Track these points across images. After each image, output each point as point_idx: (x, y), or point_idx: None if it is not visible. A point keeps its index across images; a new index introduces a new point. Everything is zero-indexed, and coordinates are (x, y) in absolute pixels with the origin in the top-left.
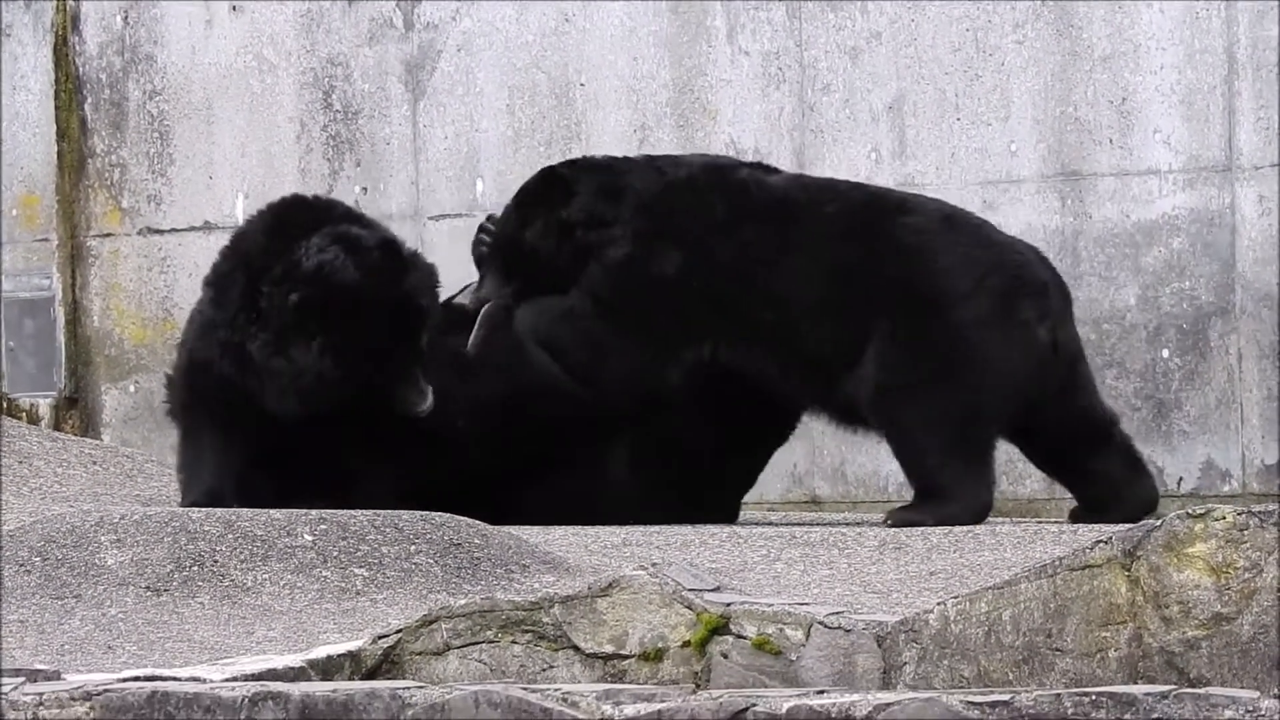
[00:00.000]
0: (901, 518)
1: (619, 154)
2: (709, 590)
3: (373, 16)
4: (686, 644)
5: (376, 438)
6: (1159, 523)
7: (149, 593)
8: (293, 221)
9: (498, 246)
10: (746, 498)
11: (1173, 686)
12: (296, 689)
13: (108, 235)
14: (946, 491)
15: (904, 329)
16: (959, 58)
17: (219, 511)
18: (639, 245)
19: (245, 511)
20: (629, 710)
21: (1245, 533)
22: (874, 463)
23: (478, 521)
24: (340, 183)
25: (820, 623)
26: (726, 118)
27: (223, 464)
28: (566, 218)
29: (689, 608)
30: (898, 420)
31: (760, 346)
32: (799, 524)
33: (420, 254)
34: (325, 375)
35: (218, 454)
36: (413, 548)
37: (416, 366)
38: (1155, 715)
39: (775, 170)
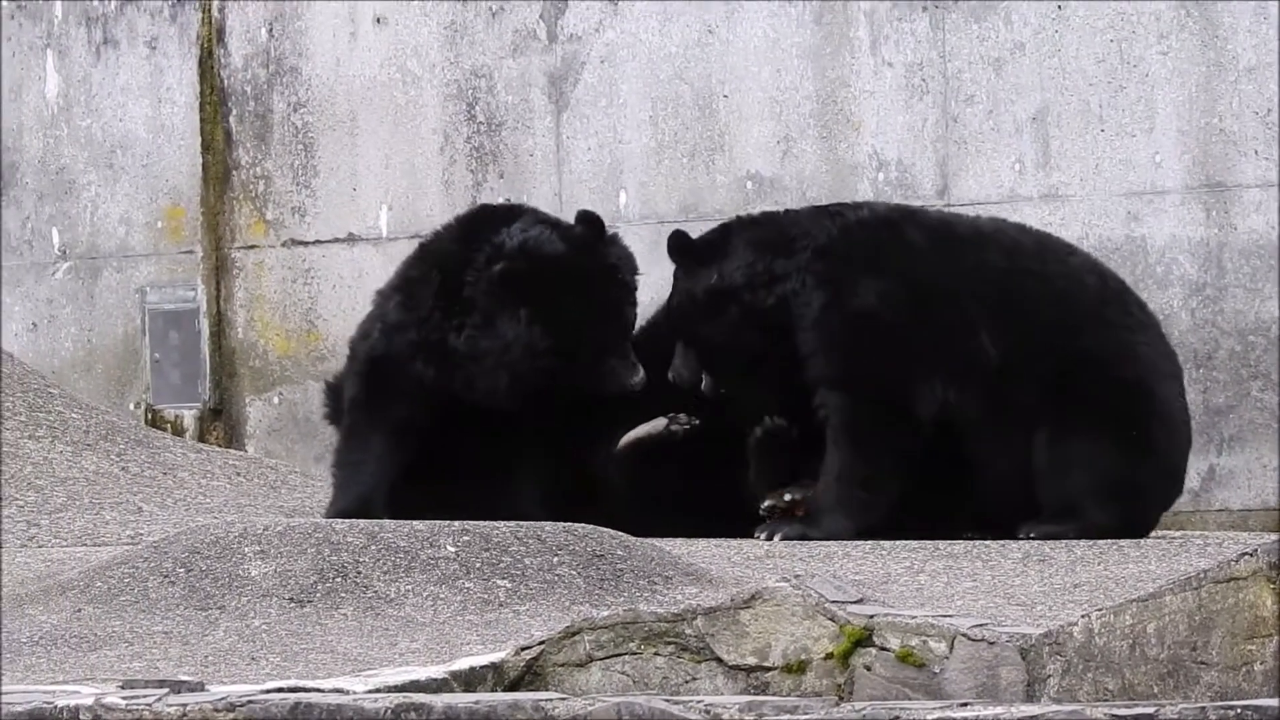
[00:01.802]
0: (1046, 531)
1: (763, 168)
2: (852, 602)
3: (516, 28)
4: (829, 656)
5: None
6: None
7: (292, 604)
8: (484, 225)
9: (674, 322)
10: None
11: None
12: (439, 700)
13: (252, 247)
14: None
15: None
16: (1103, 68)
17: (362, 523)
18: (830, 289)
19: (389, 523)
20: None
21: None
22: None
23: (620, 533)
24: (483, 194)
25: (964, 635)
26: (870, 129)
27: (381, 472)
28: (720, 284)
29: (832, 620)
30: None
31: (975, 386)
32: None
33: (619, 235)
34: (534, 345)
35: (378, 461)
36: (555, 559)
37: (625, 340)
38: None
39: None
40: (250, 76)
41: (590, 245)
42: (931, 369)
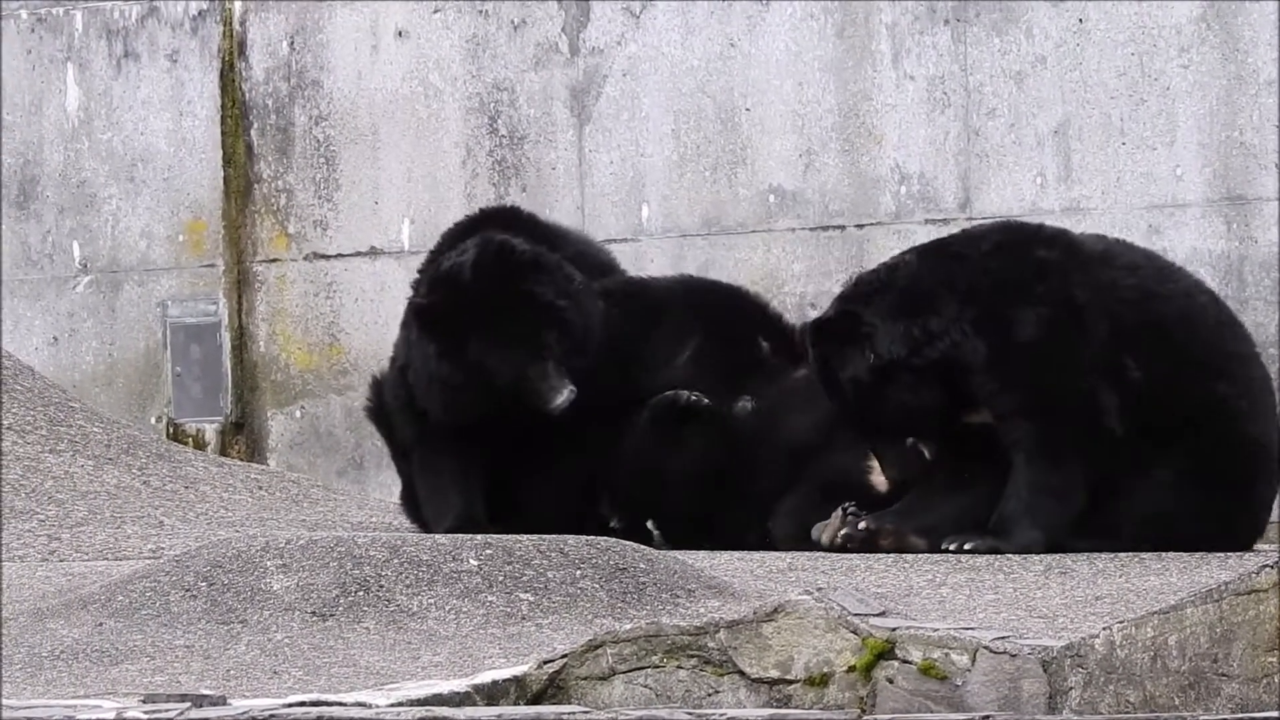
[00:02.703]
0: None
1: (785, 181)
2: (874, 615)
3: (538, 42)
4: (852, 669)
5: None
6: None
7: (314, 618)
8: (453, 238)
9: (858, 430)
10: None
11: None
12: (462, 714)
13: (274, 261)
14: None
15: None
16: (1124, 82)
17: (384, 536)
18: (990, 331)
19: (410, 536)
20: None
21: None
22: None
23: (643, 546)
24: None
25: (986, 647)
26: (892, 142)
27: (464, 490)
28: (880, 361)
29: (854, 632)
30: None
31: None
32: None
33: (559, 260)
34: (447, 380)
35: (458, 478)
36: (578, 572)
37: (544, 362)
38: None
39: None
40: (272, 90)
41: (497, 274)
42: (1102, 378)
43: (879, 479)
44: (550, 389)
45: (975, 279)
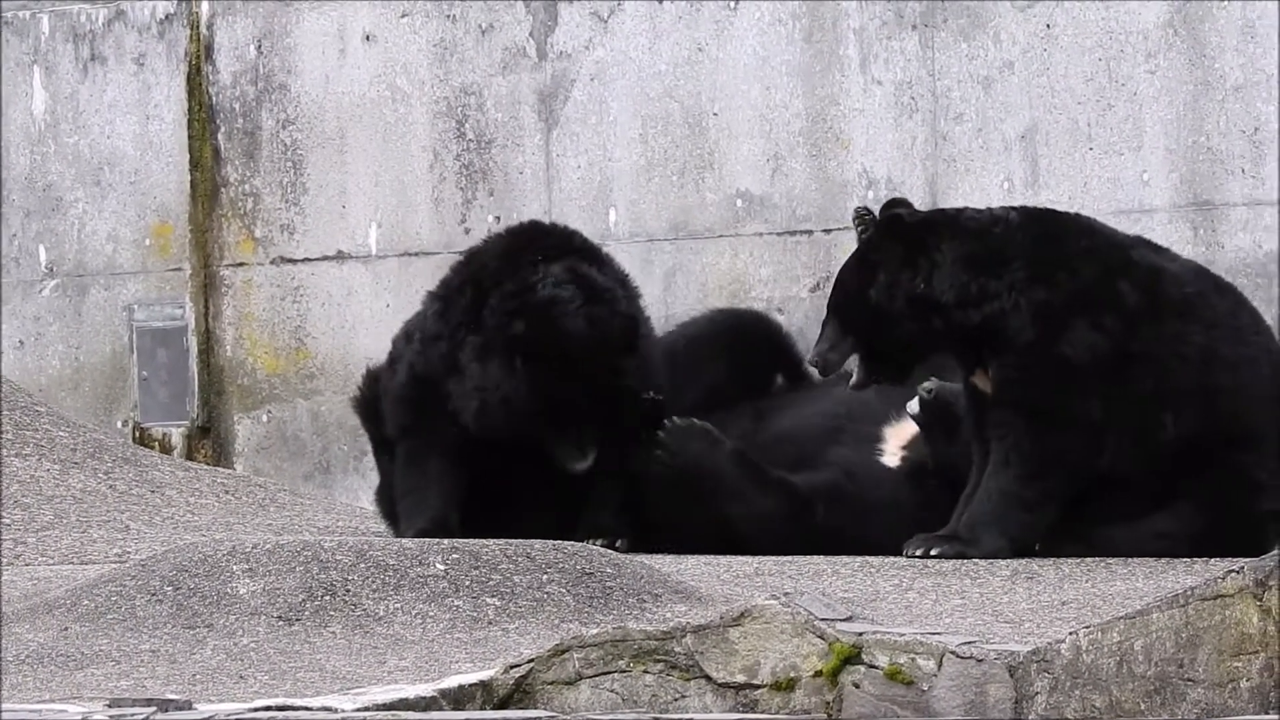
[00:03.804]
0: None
1: (753, 186)
2: (841, 620)
3: (506, 46)
4: (818, 673)
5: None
6: None
7: (281, 622)
8: (529, 245)
9: (837, 304)
10: None
11: None
12: (428, 719)
13: (241, 265)
14: None
15: None
16: (1091, 87)
17: (351, 540)
18: (1042, 324)
19: (377, 540)
20: None
21: None
22: None
23: (609, 550)
24: (473, 212)
25: (952, 652)
26: (859, 147)
27: (445, 494)
28: (928, 294)
29: (821, 637)
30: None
31: (1143, 454)
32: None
33: (652, 334)
34: (512, 400)
35: (439, 483)
36: (545, 577)
37: (589, 429)
38: None
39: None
40: (239, 93)
41: (614, 341)
42: (1119, 426)
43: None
44: (577, 454)
45: (1057, 272)
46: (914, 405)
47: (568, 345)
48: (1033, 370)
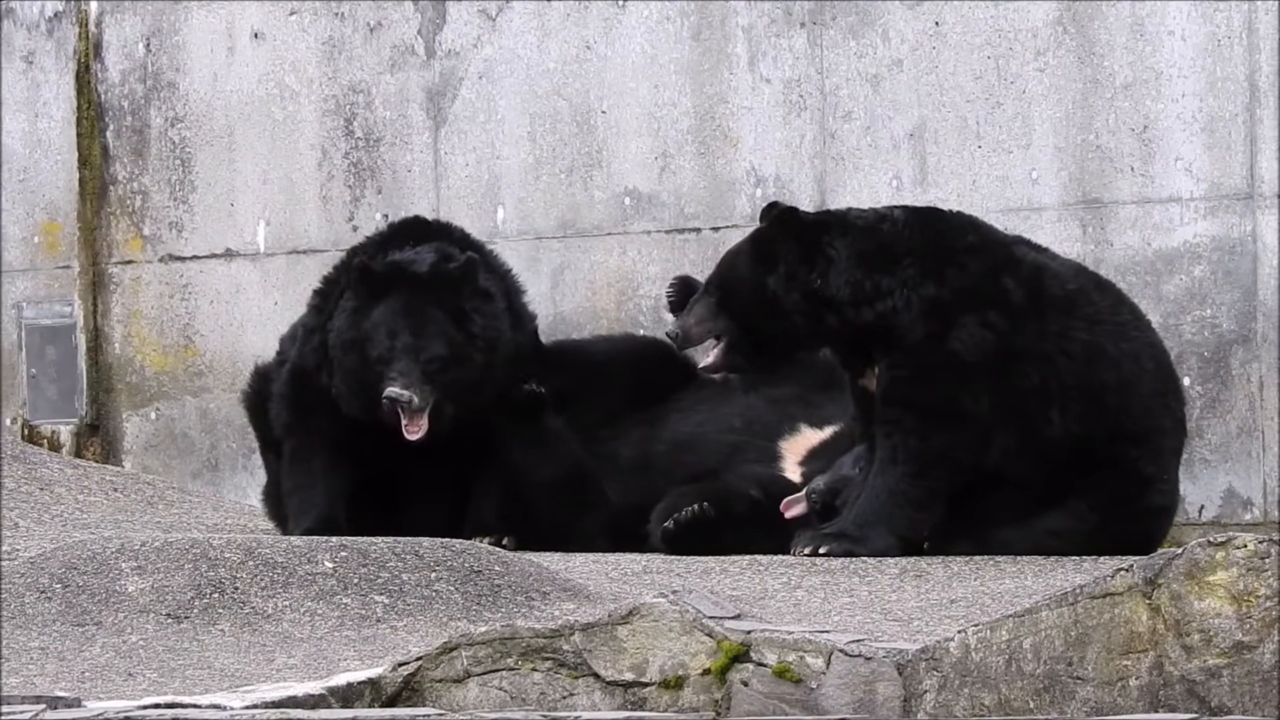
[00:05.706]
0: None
1: (641, 184)
2: (729, 618)
3: (394, 44)
4: (707, 672)
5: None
6: (1180, 551)
7: (169, 620)
8: (405, 235)
9: (722, 285)
10: None
11: (1194, 715)
12: (316, 716)
13: (129, 262)
14: None
15: None
16: (980, 85)
17: (240, 538)
18: (933, 320)
19: (266, 538)
20: None
21: (1266, 561)
22: None
23: (497, 549)
24: (361, 210)
25: (841, 650)
26: (748, 145)
27: (330, 489)
28: (823, 290)
29: (709, 635)
30: None
31: (1031, 453)
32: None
33: (533, 327)
34: (340, 336)
35: (324, 479)
36: (433, 575)
37: (414, 360)
38: None
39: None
40: (128, 91)
41: (456, 278)
42: (1006, 423)
43: (790, 473)
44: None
45: (945, 269)
46: (801, 508)
47: (408, 281)
48: (922, 367)
